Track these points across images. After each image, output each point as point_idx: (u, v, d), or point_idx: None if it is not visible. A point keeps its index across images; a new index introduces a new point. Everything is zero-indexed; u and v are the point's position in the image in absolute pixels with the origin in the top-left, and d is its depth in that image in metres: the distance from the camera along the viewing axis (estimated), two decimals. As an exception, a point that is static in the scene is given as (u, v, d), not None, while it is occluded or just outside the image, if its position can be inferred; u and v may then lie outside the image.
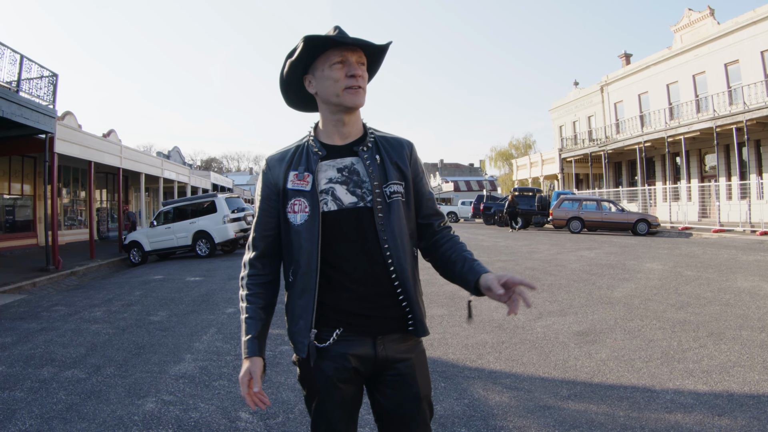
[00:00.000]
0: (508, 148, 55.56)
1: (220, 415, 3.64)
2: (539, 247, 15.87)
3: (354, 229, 1.64)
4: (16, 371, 4.84)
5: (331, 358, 1.63)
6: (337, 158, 1.68)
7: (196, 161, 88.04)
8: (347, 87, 1.62)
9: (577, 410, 3.56)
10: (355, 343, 1.63)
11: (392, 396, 1.67)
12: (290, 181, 1.66)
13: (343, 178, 1.66)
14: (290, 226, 1.65)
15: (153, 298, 8.76)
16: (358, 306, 1.63)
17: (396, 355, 1.67)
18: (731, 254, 12.38)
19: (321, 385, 1.64)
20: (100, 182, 25.39)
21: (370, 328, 1.64)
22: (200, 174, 38.39)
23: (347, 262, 1.63)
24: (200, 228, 16.29)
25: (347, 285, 1.63)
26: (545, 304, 7.09)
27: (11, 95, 11.73)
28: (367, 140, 1.72)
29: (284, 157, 1.71)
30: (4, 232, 17.86)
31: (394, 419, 1.68)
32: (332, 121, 1.70)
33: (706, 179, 26.26)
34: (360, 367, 1.65)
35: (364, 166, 1.67)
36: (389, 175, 1.68)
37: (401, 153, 1.74)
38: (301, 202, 1.64)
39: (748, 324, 5.70)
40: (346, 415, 1.68)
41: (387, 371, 1.67)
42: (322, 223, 1.62)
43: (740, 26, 23.89)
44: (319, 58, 1.65)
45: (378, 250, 1.63)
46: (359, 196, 1.65)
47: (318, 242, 1.61)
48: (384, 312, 1.65)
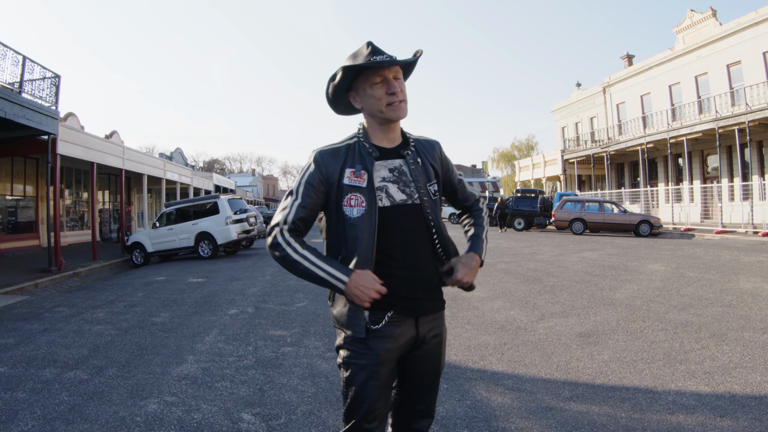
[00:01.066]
0: (510, 149, 55.61)
1: (223, 417, 3.64)
2: (541, 248, 15.86)
3: (404, 223, 1.84)
4: (18, 372, 4.85)
5: (380, 337, 1.80)
6: (387, 159, 1.88)
7: (198, 162, 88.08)
8: (389, 103, 1.81)
9: (579, 411, 3.56)
10: (401, 324, 1.83)
11: (418, 368, 1.90)
12: (346, 177, 1.82)
13: (394, 178, 1.87)
14: (345, 219, 1.80)
15: (155, 300, 8.77)
16: (406, 290, 1.82)
17: (430, 333, 1.90)
18: (733, 255, 12.35)
19: (370, 364, 1.79)
20: (102, 183, 25.42)
21: (415, 310, 1.85)
22: (203, 175, 38.43)
23: (398, 251, 1.83)
24: (203, 229, 16.31)
25: (397, 272, 1.82)
26: (547, 306, 7.09)
27: (14, 96, 11.77)
28: (410, 144, 1.94)
29: (337, 153, 1.85)
30: (6, 233, 17.90)
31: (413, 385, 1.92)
32: (379, 129, 1.89)
33: (708, 180, 26.22)
34: (404, 346, 1.85)
35: (409, 169, 1.88)
36: (429, 175, 1.93)
37: (434, 154, 1.99)
38: (357, 197, 1.80)
39: (751, 325, 5.69)
40: (384, 394, 1.84)
41: (420, 347, 1.89)
42: (378, 217, 1.80)
43: (742, 27, 23.87)
44: (359, 78, 1.84)
45: (426, 241, 1.88)
46: (408, 195, 1.86)
47: (374, 234, 1.79)
48: (426, 294, 1.87)
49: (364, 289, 1.71)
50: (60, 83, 14.17)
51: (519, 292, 8.21)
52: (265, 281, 10.42)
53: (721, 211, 21.07)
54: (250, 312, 7.31)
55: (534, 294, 7.98)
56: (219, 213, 16.37)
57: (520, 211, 27.26)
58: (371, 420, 1.79)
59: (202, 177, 36.90)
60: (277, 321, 6.71)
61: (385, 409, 1.84)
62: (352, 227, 1.78)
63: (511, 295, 7.97)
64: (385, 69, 1.80)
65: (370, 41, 1.82)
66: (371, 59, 1.77)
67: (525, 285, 8.84)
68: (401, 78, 1.86)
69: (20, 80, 12.63)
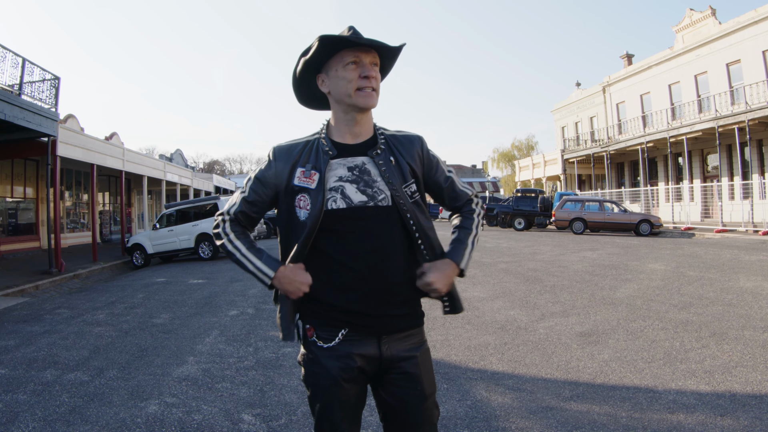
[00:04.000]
0: (510, 149, 55.61)
1: (223, 417, 3.64)
2: (542, 248, 15.86)
3: (363, 227, 1.65)
4: (19, 374, 4.85)
5: (336, 357, 1.64)
6: (348, 157, 1.71)
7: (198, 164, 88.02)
8: (359, 88, 1.65)
9: (579, 411, 3.56)
10: (360, 343, 1.65)
11: (398, 394, 1.68)
12: (296, 178, 1.69)
13: (353, 177, 1.69)
14: (296, 220, 1.68)
15: (156, 301, 8.77)
16: (363, 305, 1.64)
17: (401, 354, 1.68)
18: (734, 254, 12.35)
19: (325, 384, 1.65)
20: (102, 185, 25.42)
21: (375, 328, 1.66)
22: (203, 176, 38.43)
23: (354, 258, 1.64)
24: (203, 230, 16.31)
25: (353, 283, 1.64)
26: (548, 305, 7.09)
27: (13, 98, 11.77)
28: (379, 142, 1.74)
29: (292, 151, 1.73)
30: (6, 235, 17.90)
31: (400, 418, 1.69)
32: (344, 120, 1.73)
33: (708, 179, 26.21)
34: (365, 367, 1.66)
35: (378, 168, 1.70)
36: (406, 175, 1.73)
37: (412, 151, 1.78)
38: (305, 199, 1.67)
39: (751, 324, 5.69)
40: (350, 415, 1.69)
41: (392, 370, 1.68)
42: (326, 219, 1.65)
43: (742, 26, 23.87)
44: (333, 58, 1.68)
45: (398, 248, 1.69)
46: (369, 196, 1.67)
47: (311, 239, 1.66)
48: (390, 310, 1.67)
49: (296, 283, 1.65)
50: (60, 85, 14.18)
51: (519, 291, 8.21)
52: (265, 282, 10.41)
53: (722, 210, 21.06)
54: (251, 313, 7.32)
55: (534, 294, 7.98)
56: (219, 214, 16.35)
57: (520, 210, 27.24)
58: None
59: (202, 178, 36.89)
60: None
61: (353, 427, 1.71)
62: (301, 228, 1.67)
63: (512, 294, 7.97)
64: (363, 51, 1.65)
65: (353, 26, 1.67)
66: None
67: (525, 285, 8.84)
68: (378, 66, 1.71)
69: (20, 82, 12.64)
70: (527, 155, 49.99)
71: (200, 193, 33.00)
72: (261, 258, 1.71)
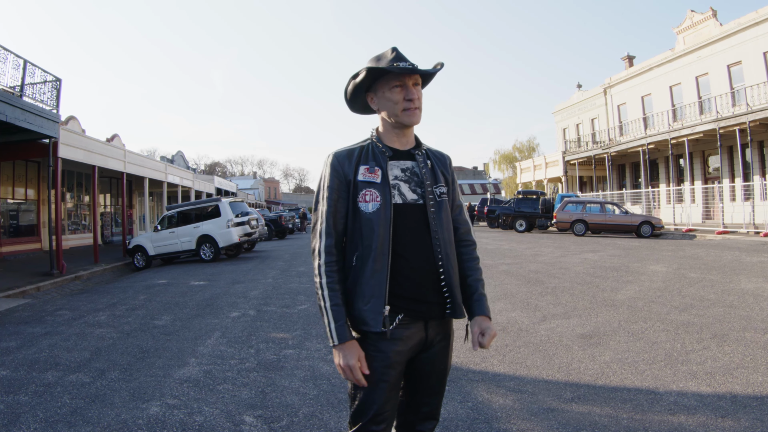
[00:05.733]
0: (511, 151, 55.57)
1: (225, 419, 3.65)
2: (543, 249, 15.85)
3: (414, 221, 1.87)
4: (20, 375, 4.86)
5: (391, 340, 1.81)
6: (400, 160, 1.94)
7: (199, 165, 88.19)
8: (405, 109, 1.87)
9: (580, 412, 3.56)
10: (411, 326, 1.85)
11: (424, 370, 1.92)
12: (361, 174, 1.87)
13: (406, 177, 1.91)
14: (361, 214, 1.84)
15: (157, 303, 8.78)
16: (416, 292, 1.84)
17: (437, 337, 1.92)
18: (735, 256, 12.34)
19: (378, 366, 1.80)
20: (103, 187, 25.45)
21: (423, 314, 1.86)
22: (204, 178, 38.46)
23: (409, 250, 1.84)
24: (204, 232, 16.31)
25: (408, 272, 1.83)
26: (549, 307, 7.09)
27: (15, 100, 11.80)
28: (422, 148, 1.99)
29: (352, 154, 1.91)
30: (8, 237, 17.92)
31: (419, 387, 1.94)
32: (393, 132, 1.95)
33: (709, 181, 26.21)
34: (414, 348, 1.87)
35: (420, 170, 1.93)
36: (438, 178, 1.96)
37: (445, 163, 2.06)
38: (372, 193, 1.84)
39: (752, 326, 5.68)
40: (394, 396, 1.86)
41: (428, 348, 1.91)
42: (393, 212, 1.83)
43: (743, 27, 23.87)
44: (380, 81, 1.90)
45: (429, 242, 1.87)
46: (419, 195, 1.90)
47: (390, 227, 1.81)
48: (434, 297, 1.87)
49: (347, 369, 1.76)
50: (61, 87, 14.20)
51: (520, 293, 8.21)
52: (266, 284, 10.43)
53: (723, 211, 21.06)
54: (252, 315, 7.32)
55: (535, 295, 7.98)
56: (220, 216, 16.37)
57: (521, 212, 27.24)
58: (379, 422, 1.81)
59: (203, 180, 36.91)
60: (279, 324, 6.71)
61: (393, 411, 1.86)
62: (367, 222, 1.81)
63: (513, 296, 7.97)
64: (406, 76, 1.86)
65: (395, 47, 1.89)
66: (394, 64, 1.82)
67: (526, 286, 8.84)
68: (420, 85, 1.92)
69: (21, 84, 12.66)
70: (528, 157, 49.97)
71: (201, 195, 33.00)
72: (336, 319, 1.80)
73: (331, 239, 1.85)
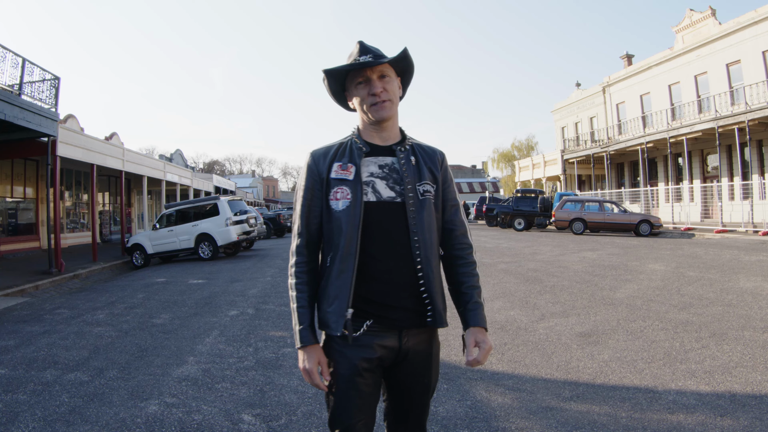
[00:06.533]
0: (510, 149, 55.55)
1: (223, 418, 3.64)
2: (542, 248, 15.86)
3: (390, 221, 1.75)
4: (19, 374, 4.85)
5: (358, 346, 1.71)
6: (379, 156, 1.83)
7: (198, 164, 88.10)
8: (372, 104, 1.78)
9: (579, 411, 3.56)
10: (382, 335, 1.73)
11: (406, 383, 1.81)
12: (333, 171, 1.79)
13: (383, 174, 1.80)
14: (332, 213, 1.76)
15: (156, 301, 8.77)
16: (388, 297, 1.73)
17: (416, 347, 1.78)
18: (734, 255, 12.35)
19: (345, 373, 1.72)
20: (102, 185, 25.42)
21: (396, 322, 1.74)
22: (203, 177, 38.45)
23: (382, 251, 1.73)
24: (203, 231, 16.30)
25: (379, 275, 1.72)
26: (548, 306, 7.09)
27: (13, 98, 11.77)
28: (405, 143, 1.87)
29: (328, 152, 1.84)
30: (6, 235, 17.89)
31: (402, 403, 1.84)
32: (372, 128, 1.85)
33: (708, 180, 26.22)
34: (384, 357, 1.75)
35: (399, 165, 1.81)
36: (423, 175, 1.82)
37: (434, 159, 1.89)
38: (343, 190, 1.75)
39: (751, 324, 5.69)
40: (366, 405, 1.76)
41: (406, 361, 1.79)
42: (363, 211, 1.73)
43: (742, 26, 23.87)
44: (347, 78, 1.84)
45: (407, 243, 1.74)
46: (398, 192, 1.78)
47: (358, 227, 1.71)
48: (409, 303, 1.74)
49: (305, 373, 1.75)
50: (60, 85, 14.17)
51: (519, 292, 8.21)
52: (265, 282, 10.42)
53: (721, 210, 21.06)
54: (251, 313, 7.32)
55: (534, 294, 7.98)
56: (219, 214, 16.36)
57: (520, 211, 27.24)
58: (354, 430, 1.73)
59: (202, 178, 36.90)
60: (278, 322, 6.71)
61: (368, 419, 1.76)
62: (337, 220, 1.74)
63: (512, 295, 7.97)
64: (367, 69, 1.77)
65: (361, 41, 1.81)
66: (357, 59, 1.76)
67: (525, 285, 8.84)
68: (390, 76, 1.81)
69: (20, 82, 12.63)
70: (527, 155, 49.97)
71: (200, 194, 32.98)
72: (302, 321, 1.76)
73: (303, 239, 1.81)
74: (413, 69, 1.92)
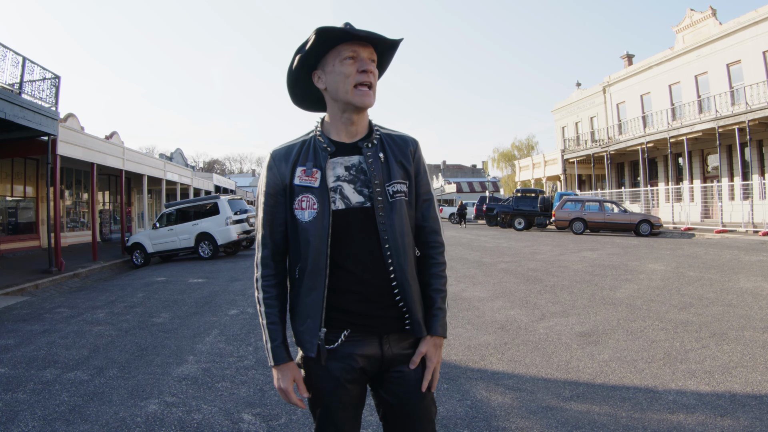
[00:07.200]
0: (510, 149, 55.53)
1: (223, 417, 3.64)
2: (542, 248, 15.86)
3: (360, 229, 1.61)
4: (18, 373, 4.85)
5: (338, 358, 1.61)
6: (345, 156, 1.66)
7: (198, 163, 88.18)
8: (358, 83, 1.59)
9: (579, 411, 3.56)
10: (362, 343, 1.62)
11: (397, 393, 1.65)
12: (297, 177, 1.62)
13: (350, 177, 1.64)
14: (297, 223, 1.61)
15: (156, 300, 8.77)
16: (364, 307, 1.60)
17: (402, 352, 1.66)
18: (734, 255, 12.35)
19: (328, 387, 1.62)
20: (102, 184, 25.43)
21: (376, 328, 1.62)
22: (203, 176, 38.42)
23: (354, 262, 1.60)
24: (203, 230, 16.31)
25: (353, 286, 1.60)
26: (548, 306, 7.09)
27: (13, 97, 11.76)
28: (373, 137, 1.69)
29: (290, 152, 1.67)
30: (6, 234, 17.90)
31: (399, 416, 1.66)
32: (341, 119, 1.67)
33: (708, 180, 26.21)
34: (367, 367, 1.64)
35: (367, 165, 1.64)
36: (393, 173, 1.66)
37: (405, 151, 1.71)
38: (309, 199, 1.60)
39: (751, 324, 5.69)
40: (352, 416, 1.67)
41: (392, 369, 1.66)
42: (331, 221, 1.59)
43: (742, 26, 23.86)
44: (330, 53, 1.62)
45: (379, 251, 1.60)
46: (366, 196, 1.62)
47: (328, 240, 1.57)
48: (388, 311, 1.62)
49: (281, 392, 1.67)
50: (60, 84, 14.17)
51: (519, 291, 8.21)
52: (265, 281, 10.41)
53: (722, 210, 21.05)
54: (251, 312, 7.31)
55: (534, 294, 7.98)
56: (219, 213, 16.37)
57: (520, 210, 27.25)
58: None
59: (202, 177, 36.88)
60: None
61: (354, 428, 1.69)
62: (304, 232, 1.59)
63: (512, 294, 7.97)
64: (360, 46, 1.60)
65: (348, 22, 1.60)
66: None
67: (525, 285, 8.84)
68: (375, 63, 1.66)
69: (20, 81, 12.63)
70: (527, 155, 49.95)
71: (200, 193, 33.00)
72: (274, 339, 1.66)
73: (268, 250, 1.66)
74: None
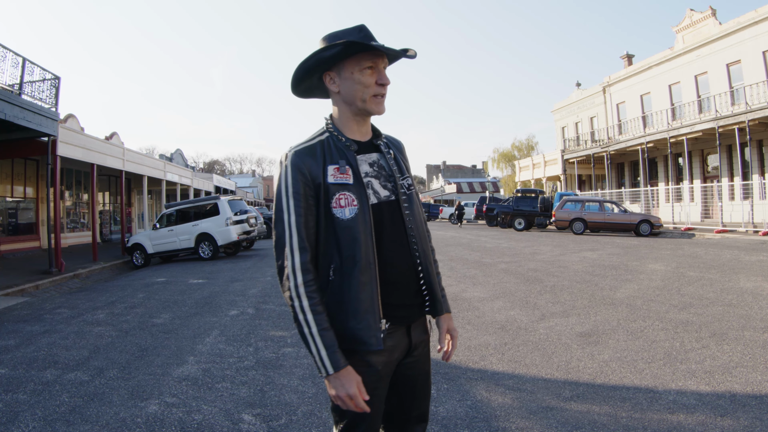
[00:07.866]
0: (510, 149, 55.52)
1: (223, 417, 3.64)
2: (542, 248, 15.85)
3: (391, 221, 1.69)
4: (19, 374, 4.85)
5: (378, 352, 1.64)
6: (365, 153, 1.73)
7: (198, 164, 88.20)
8: (375, 94, 1.66)
9: (579, 411, 3.56)
10: (395, 334, 1.69)
11: (408, 374, 1.77)
12: (330, 175, 1.62)
13: (375, 173, 1.71)
14: (336, 222, 1.61)
15: (156, 301, 8.77)
16: (400, 297, 1.69)
17: (420, 339, 1.79)
18: (734, 255, 12.35)
19: (370, 381, 1.63)
20: (102, 185, 25.43)
21: (406, 318, 1.71)
22: (203, 176, 38.46)
23: (390, 253, 1.67)
24: (203, 230, 16.31)
25: (390, 277, 1.66)
26: (548, 306, 7.09)
27: (14, 98, 11.77)
28: (382, 137, 1.80)
29: (314, 151, 1.66)
30: (6, 235, 17.90)
31: (404, 391, 1.78)
32: (354, 120, 1.72)
33: (708, 180, 26.20)
34: (400, 357, 1.73)
35: (386, 161, 1.74)
36: (402, 169, 1.79)
37: (402, 151, 1.87)
38: (347, 196, 1.61)
39: (751, 324, 5.69)
40: (382, 407, 1.74)
41: (411, 353, 1.77)
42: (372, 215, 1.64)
43: (742, 26, 23.86)
44: (350, 60, 1.65)
45: (406, 240, 1.70)
46: (390, 190, 1.72)
47: (372, 234, 1.62)
48: (414, 299, 1.73)
49: (348, 398, 1.55)
50: (60, 85, 14.18)
51: (519, 292, 8.21)
52: (265, 282, 10.42)
53: (722, 210, 21.05)
54: (251, 313, 7.31)
55: (534, 294, 7.98)
56: (219, 214, 16.37)
57: (520, 211, 27.24)
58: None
59: (202, 178, 36.91)
60: (278, 322, 6.70)
61: (379, 423, 1.73)
62: (345, 230, 1.59)
63: (512, 295, 7.97)
64: (380, 57, 1.66)
65: (364, 25, 1.65)
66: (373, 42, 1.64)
67: (525, 285, 8.84)
68: None
69: (20, 82, 12.64)
70: (527, 155, 49.95)
71: (200, 193, 33.00)
72: (329, 348, 1.56)
73: (307, 254, 1.60)
74: None
